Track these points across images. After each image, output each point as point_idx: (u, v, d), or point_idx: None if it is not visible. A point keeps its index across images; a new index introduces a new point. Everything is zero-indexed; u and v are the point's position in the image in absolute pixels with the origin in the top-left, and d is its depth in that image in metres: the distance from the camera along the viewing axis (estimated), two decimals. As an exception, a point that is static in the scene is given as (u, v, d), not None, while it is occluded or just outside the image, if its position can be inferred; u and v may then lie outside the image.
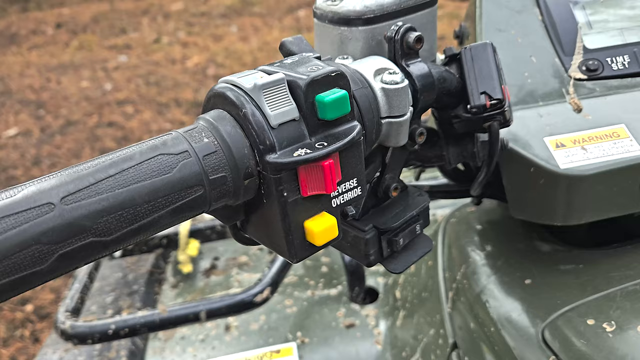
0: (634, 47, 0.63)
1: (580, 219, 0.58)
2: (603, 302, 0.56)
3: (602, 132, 0.58)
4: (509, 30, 0.64)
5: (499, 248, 0.71)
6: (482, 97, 0.47)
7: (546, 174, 0.56)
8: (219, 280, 1.13)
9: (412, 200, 0.49)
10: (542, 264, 0.65)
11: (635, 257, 0.62)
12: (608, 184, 0.56)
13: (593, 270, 0.61)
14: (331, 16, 0.45)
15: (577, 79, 0.62)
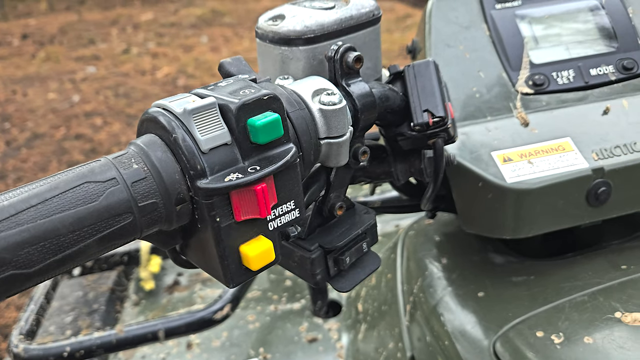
0: (578, 62, 0.65)
1: (529, 232, 0.59)
2: (552, 314, 0.57)
3: (548, 145, 0.59)
4: (457, 45, 0.65)
5: (454, 261, 0.72)
6: (425, 115, 0.47)
7: (494, 188, 0.57)
8: (182, 297, 1.11)
9: (359, 218, 0.49)
10: (496, 276, 0.66)
11: (585, 267, 0.63)
12: (554, 197, 0.57)
13: (544, 282, 0.62)
14: (272, 36, 0.45)
15: (524, 93, 0.63)
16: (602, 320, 0.55)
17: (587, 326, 0.54)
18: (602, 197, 0.58)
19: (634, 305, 0.56)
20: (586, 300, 0.58)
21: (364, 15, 0.47)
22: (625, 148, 0.59)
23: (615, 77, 0.64)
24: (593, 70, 0.64)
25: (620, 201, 0.59)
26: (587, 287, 0.59)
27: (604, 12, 0.67)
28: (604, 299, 0.57)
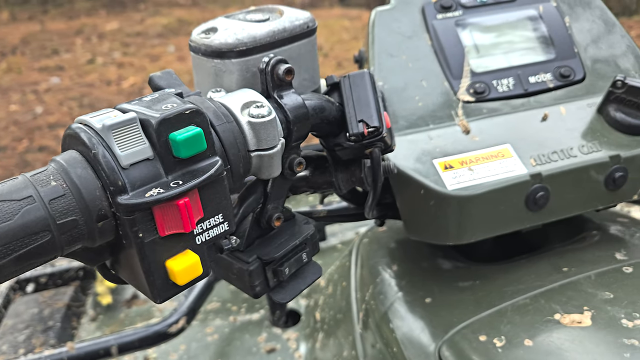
0: (517, 70, 0.66)
1: (472, 238, 0.60)
2: (495, 318, 0.58)
3: (489, 152, 0.60)
4: (400, 55, 0.66)
5: (404, 267, 0.72)
6: (360, 125, 0.48)
7: (435, 195, 0.58)
8: (140, 311, 1.09)
9: (298, 228, 0.49)
10: (443, 281, 0.67)
11: (528, 271, 0.65)
12: (495, 203, 0.59)
13: (488, 286, 0.63)
14: (204, 49, 0.45)
15: (465, 101, 0.64)
16: (542, 323, 0.56)
17: (528, 329, 0.56)
18: (540, 201, 0.59)
19: (573, 307, 0.57)
20: (528, 303, 0.59)
21: (297, 27, 0.48)
22: (562, 153, 0.61)
23: (553, 84, 0.66)
24: (532, 78, 0.66)
25: (558, 205, 0.61)
26: (530, 290, 0.61)
27: (542, 22, 0.69)
28: (545, 302, 0.59)
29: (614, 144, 0.62)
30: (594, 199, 0.62)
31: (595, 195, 0.62)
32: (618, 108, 0.63)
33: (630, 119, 0.62)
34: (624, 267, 0.62)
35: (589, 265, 0.63)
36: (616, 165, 0.61)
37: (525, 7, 0.70)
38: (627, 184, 0.62)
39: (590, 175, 0.61)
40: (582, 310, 0.56)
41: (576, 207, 0.62)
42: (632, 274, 0.61)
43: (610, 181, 0.61)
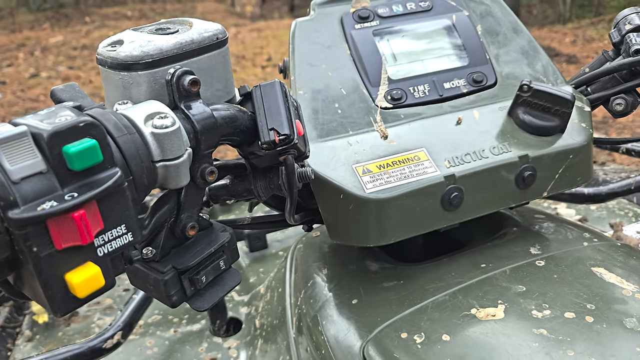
0: (433, 77, 0.69)
1: (392, 239, 0.62)
2: (416, 315, 0.60)
3: (405, 156, 0.63)
4: (320, 64, 0.67)
5: (334, 271, 0.74)
6: (271, 133, 0.49)
7: (354, 199, 0.59)
8: (79, 328, 1.07)
9: (214, 236, 0.50)
10: (369, 283, 0.69)
11: (449, 268, 0.67)
12: (412, 204, 0.61)
13: (411, 285, 0.66)
14: (110, 62, 0.46)
15: (383, 108, 0.66)
16: (459, 318, 0.58)
17: (446, 324, 0.58)
18: (455, 201, 0.62)
19: (488, 301, 0.60)
20: (447, 299, 0.62)
21: (207, 38, 0.49)
22: (475, 155, 0.64)
23: (466, 89, 0.69)
24: (447, 84, 0.69)
25: (472, 204, 0.64)
26: (450, 288, 0.63)
27: (456, 30, 0.72)
28: (463, 297, 0.61)
29: (523, 144, 0.66)
30: (506, 198, 0.66)
31: (507, 194, 0.65)
32: (526, 111, 0.66)
33: (537, 121, 0.66)
34: (536, 260, 0.66)
35: (505, 261, 0.67)
36: (525, 165, 0.64)
37: (440, 16, 0.73)
38: (537, 182, 0.66)
39: (501, 175, 0.64)
40: (497, 304, 0.59)
41: (490, 206, 0.65)
42: (544, 267, 0.64)
43: (520, 180, 0.65)
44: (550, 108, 0.65)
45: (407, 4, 0.73)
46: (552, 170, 0.66)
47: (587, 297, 0.59)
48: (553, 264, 0.65)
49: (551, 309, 0.57)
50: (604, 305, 0.57)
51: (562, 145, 0.66)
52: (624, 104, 0.70)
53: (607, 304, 0.57)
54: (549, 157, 0.65)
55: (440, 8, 0.74)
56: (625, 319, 0.55)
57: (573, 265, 0.64)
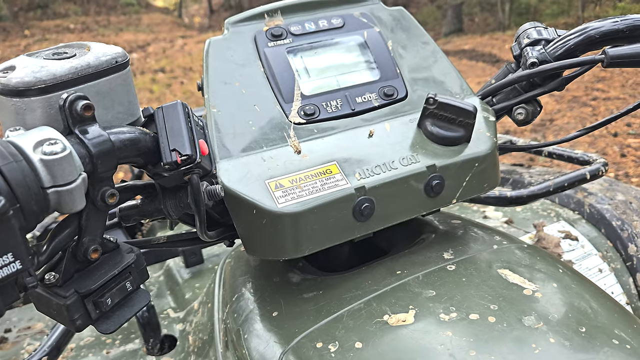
0: (345, 91, 0.72)
1: (306, 251, 0.64)
2: (332, 325, 0.62)
3: (317, 170, 0.65)
4: (233, 82, 0.69)
5: (258, 284, 0.75)
6: (173, 154, 0.50)
7: (267, 214, 0.61)
8: (7, 354, 1.04)
9: (120, 258, 0.50)
10: (290, 294, 0.70)
11: (366, 277, 0.69)
12: (324, 217, 0.63)
13: (329, 295, 0.67)
14: (2, 88, 0.46)
15: (296, 123, 0.68)
16: (372, 325, 0.60)
17: (359, 332, 0.60)
18: (366, 212, 0.64)
19: (400, 307, 0.62)
20: (362, 307, 0.63)
21: (104, 62, 0.49)
22: (385, 166, 0.66)
23: (378, 103, 0.72)
24: (359, 98, 0.72)
25: (384, 214, 0.66)
26: (365, 296, 0.65)
27: (367, 46, 0.75)
28: (377, 305, 0.63)
29: (431, 154, 0.69)
30: (417, 206, 0.68)
31: (417, 202, 0.68)
32: (433, 122, 0.70)
33: (443, 132, 0.69)
34: (448, 265, 0.69)
35: (419, 267, 0.69)
36: (433, 174, 0.67)
37: (352, 33, 0.76)
38: (445, 190, 0.69)
39: (410, 185, 0.67)
40: (408, 309, 0.62)
41: (401, 215, 0.68)
42: (454, 271, 0.67)
43: (429, 189, 0.68)
44: (455, 119, 0.69)
45: (319, 22, 0.75)
46: (460, 178, 0.70)
47: (491, 298, 0.62)
48: (463, 267, 0.68)
49: (457, 311, 0.60)
50: (506, 306, 0.60)
51: (467, 154, 0.69)
52: (524, 113, 0.75)
53: (509, 304, 0.61)
54: (456, 165, 0.69)
55: (352, 25, 0.77)
56: (524, 317, 0.58)
57: (481, 268, 0.68)
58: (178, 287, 1.19)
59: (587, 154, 1.26)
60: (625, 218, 1.26)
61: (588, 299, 0.63)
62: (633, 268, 1.20)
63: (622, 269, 1.21)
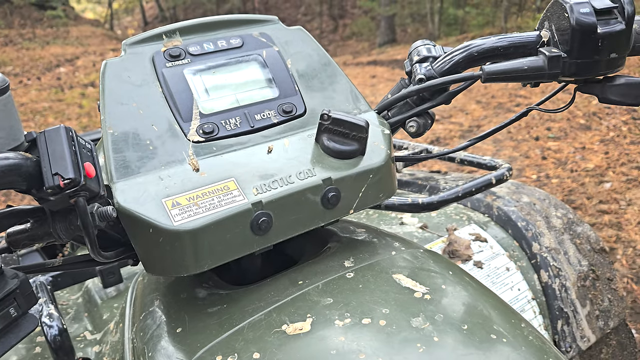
0: (244, 109, 0.74)
1: (206, 266, 0.65)
2: (232, 337, 0.64)
3: (215, 187, 0.66)
4: (130, 103, 0.69)
5: (165, 301, 0.75)
6: (56, 178, 0.50)
7: (163, 232, 0.62)
8: None
9: (3, 284, 0.50)
10: (195, 310, 0.71)
11: (270, 288, 0.71)
12: (222, 232, 0.64)
13: (233, 308, 0.69)
14: None
15: (195, 141, 0.70)
16: (271, 335, 0.62)
17: (258, 343, 0.62)
18: (263, 225, 0.66)
19: (299, 316, 0.65)
20: (262, 319, 0.65)
21: (-18, 89, 0.49)
22: (282, 181, 0.69)
23: (277, 120, 0.75)
24: (258, 115, 0.74)
25: (282, 227, 0.69)
26: (267, 307, 0.67)
27: (266, 65, 0.78)
28: (277, 315, 0.65)
29: (327, 168, 0.72)
30: (315, 218, 0.71)
31: (315, 214, 0.71)
32: (329, 137, 0.73)
33: (339, 146, 0.73)
34: (347, 273, 0.72)
35: (320, 276, 0.72)
36: (329, 187, 0.71)
37: (251, 52, 0.78)
38: (342, 201, 0.72)
39: (307, 198, 0.70)
40: (306, 318, 0.64)
41: (299, 227, 0.71)
42: (353, 279, 0.71)
43: (325, 201, 0.71)
44: (349, 134, 0.72)
45: (218, 42, 0.77)
46: (355, 190, 0.73)
47: (383, 302, 0.65)
48: (361, 274, 0.71)
49: (352, 317, 0.63)
50: (397, 309, 0.64)
51: (362, 166, 0.73)
52: (415, 126, 0.79)
53: (399, 307, 0.64)
54: (351, 178, 0.72)
55: (251, 45, 0.79)
56: (412, 319, 0.62)
57: (377, 274, 0.71)
58: (96, 308, 1.17)
59: (494, 160, 1.35)
60: (530, 219, 1.35)
61: (473, 298, 0.68)
62: (537, 265, 1.29)
63: (527, 267, 1.29)
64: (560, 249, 1.32)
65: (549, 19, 0.75)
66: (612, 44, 0.70)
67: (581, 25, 0.69)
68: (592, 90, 0.76)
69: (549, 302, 1.26)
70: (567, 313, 1.26)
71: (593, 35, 0.69)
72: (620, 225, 3.40)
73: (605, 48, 0.70)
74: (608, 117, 5.27)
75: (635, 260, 3.10)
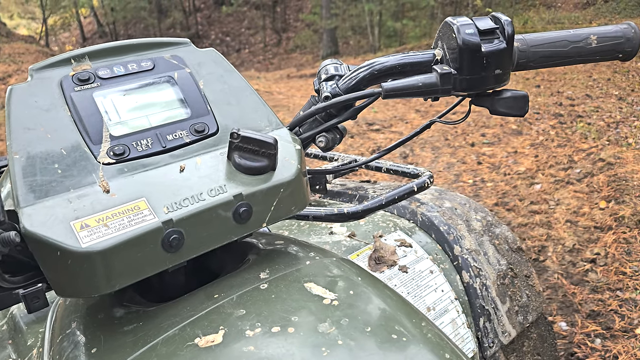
0: (157, 130, 0.76)
1: (117, 285, 0.66)
2: (146, 354, 0.65)
3: (125, 207, 0.68)
4: (38, 128, 0.70)
5: (82, 322, 0.76)
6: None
7: (71, 254, 0.63)
8: None
9: None
10: (111, 329, 0.72)
11: (186, 303, 0.73)
12: (132, 251, 0.66)
13: (149, 325, 0.70)
14: None
15: (105, 163, 0.71)
16: (184, 349, 0.64)
17: (171, 357, 0.63)
18: (174, 243, 0.68)
19: (212, 329, 0.67)
20: (177, 333, 0.67)
21: None
22: (193, 199, 0.71)
23: (189, 139, 0.77)
24: (170, 135, 0.76)
25: (194, 243, 0.71)
26: (182, 322, 0.69)
27: (178, 86, 0.80)
28: (190, 329, 0.67)
29: (239, 184, 0.75)
30: (227, 233, 0.74)
31: (227, 230, 0.74)
32: (240, 154, 0.76)
33: (249, 162, 0.76)
34: (262, 284, 0.75)
35: (236, 289, 0.75)
36: (240, 202, 0.73)
37: (162, 74, 0.80)
38: (254, 215, 0.75)
39: (218, 214, 0.72)
40: (218, 330, 0.66)
41: (212, 242, 0.73)
42: (266, 290, 0.73)
43: (237, 216, 0.73)
44: (259, 151, 0.75)
45: (128, 65, 0.79)
46: (267, 204, 0.76)
47: (294, 310, 0.68)
48: (274, 285, 0.74)
49: (262, 326, 0.66)
50: (306, 316, 0.67)
51: (273, 181, 0.76)
52: (325, 141, 0.84)
53: (308, 314, 0.68)
54: (262, 192, 0.75)
55: (163, 67, 0.81)
56: (319, 325, 0.66)
57: (290, 283, 0.74)
58: (21, 335, 1.15)
59: (417, 169, 1.41)
60: (451, 223, 1.42)
61: (378, 301, 0.72)
62: (459, 267, 1.36)
63: (450, 269, 1.36)
64: (480, 250, 1.40)
65: (442, 39, 0.81)
66: (496, 61, 0.77)
67: (467, 44, 0.76)
68: (484, 103, 0.83)
69: (471, 301, 1.33)
70: (489, 310, 1.33)
71: (478, 54, 0.76)
72: (550, 224, 3.59)
73: (490, 65, 0.77)
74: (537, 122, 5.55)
75: (564, 257, 3.28)
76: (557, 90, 6.92)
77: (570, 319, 2.80)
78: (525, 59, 0.81)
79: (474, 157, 4.86)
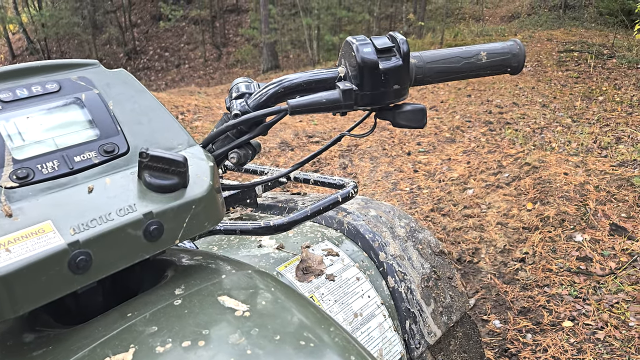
0: (63, 152, 0.76)
1: (20, 310, 0.66)
2: None
3: (29, 231, 0.67)
4: None
5: (-10, 351, 0.74)
6: None
7: None
8: None
9: None
10: (20, 355, 0.71)
11: (99, 324, 0.73)
12: (37, 275, 0.66)
13: (59, 349, 0.70)
14: None
15: (8, 187, 0.70)
16: None
17: None
18: (82, 264, 0.68)
19: (122, 347, 0.67)
20: (86, 355, 0.67)
21: None
22: (101, 219, 0.72)
23: (98, 160, 0.77)
24: (77, 157, 0.76)
25: (103, 264, 0.71)
26: (92, 343, 0.69)
27: (86, 107, 0.80)
28: (101, 350, 0.67)
29: (149, 202, 0.76)
30: (138, 251, 0.75)
31: (138, 248, 0.74)
32: (150, 173, 0.77)
33: (160, 181, 0.77)
34: (175, 300, 0.76)
35: (150, 306, 0.75)
36: (150, 220, 0.74)
37: (69, 96, 0.80)
38: (166, 233, 0.76)
39: (128, 233, 0.73)
40: (129, 348, 0.67)
41: (122, 262, 0.73)
42: (180, 305, 0.75)
43: (148, 234, 0.74)
44: (169, 169, 0.77)
45: (32, 88, 0.79)
46: (179, 221, 0.77)
47: (205, 324, 0.70)
48: (188, 300, 0.75)
49: (173, 342, 0.67)
50: (217, 328, 0.69)
51: (184, 198, 0.78)
52: (236, 157, 0.86)
53: (219, 327, 0.69)
54: (173, 210, 0.76)
55: (69, 89, 0.81)
56: (230, 336, 0.67)
57: (204, 298, 0.76)
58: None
59: (342, 180, 1.46)
60: (376, 230, 1.47)
61: (290, 310, 0.75)
62: (384, 272, 1.41)
63: (376, 275, 1.40)
64: (404, 255, 1.45)
65: (344, 57, 0.85)
66: (394, 77, 0.82)
67: (365, 62, 0.80)
68: (386, 116, 0.87)
69: (397, 305, 1.38)
70: (414, 313, 1.39)
71: (376, 70, 0.80)
72: (482, 227, 3.75)
73: (389, 81, 0.82)
74: (469, 130, 5.78)
75: (496, 257, 3.43)
76: (487, 99, 7.25)
77: (503, 317, 2.93)
78: (422, 75, 0.87)
79: (411, 166, 5.01)
